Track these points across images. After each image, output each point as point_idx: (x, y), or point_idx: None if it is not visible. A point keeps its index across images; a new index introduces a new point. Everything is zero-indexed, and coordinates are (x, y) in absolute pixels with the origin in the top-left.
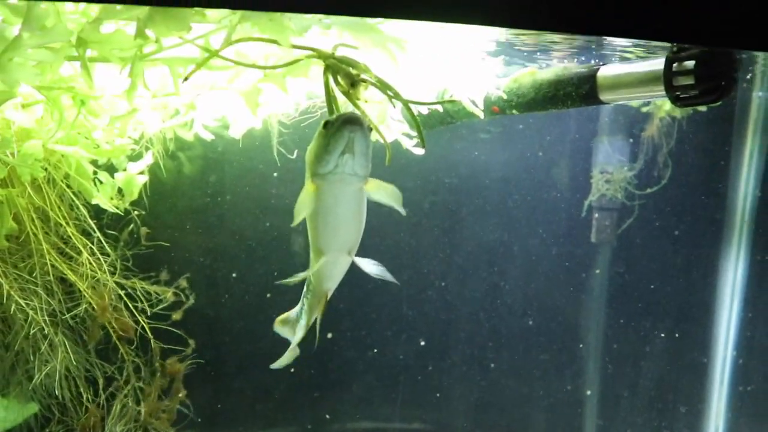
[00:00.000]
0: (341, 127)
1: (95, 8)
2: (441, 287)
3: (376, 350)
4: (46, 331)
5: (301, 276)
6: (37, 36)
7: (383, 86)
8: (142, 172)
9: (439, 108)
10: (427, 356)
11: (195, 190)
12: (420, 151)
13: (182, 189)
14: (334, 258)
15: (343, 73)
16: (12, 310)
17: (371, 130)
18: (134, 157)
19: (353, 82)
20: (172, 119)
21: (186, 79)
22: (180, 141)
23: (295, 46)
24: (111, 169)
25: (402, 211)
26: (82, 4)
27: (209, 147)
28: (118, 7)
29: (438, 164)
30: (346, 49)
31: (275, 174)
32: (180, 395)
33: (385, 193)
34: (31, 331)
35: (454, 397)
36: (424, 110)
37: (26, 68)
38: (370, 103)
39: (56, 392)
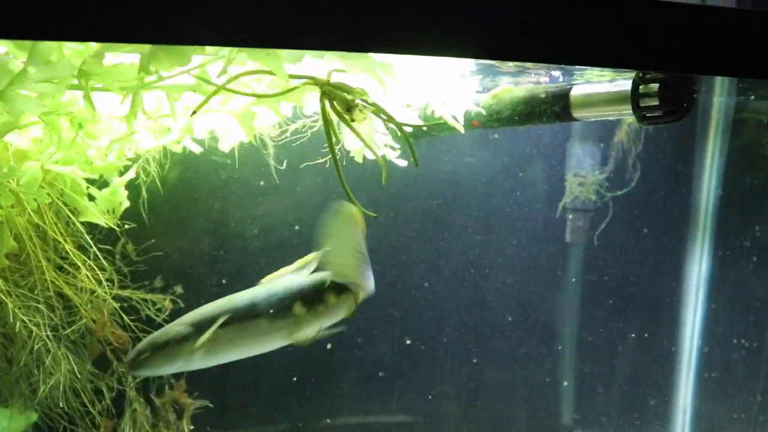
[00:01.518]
0: None
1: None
2: (425, 287)
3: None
4: (48, 346)
5: None
6: (41, 70)
7: (377, 110)
8: (131, 185)
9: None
10: (413, 354)
11: (188, 202)
12: (403, 163)
13: (175, 202)
14: None
15: (339, 98)
16: (16, 327)
17: None
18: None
19: (348, 107)
20: (164, 138)
21: (194, 113)
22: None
23: (292, 76)
24: (104, 186)
25: None
26: None
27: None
28: None
29: (419, 171)
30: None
31: (261, 183)
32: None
33: None
34: (35, 347)
35: (441, 391)
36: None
37: (30, 100)
38: (362, 124)
39: (61, 404)
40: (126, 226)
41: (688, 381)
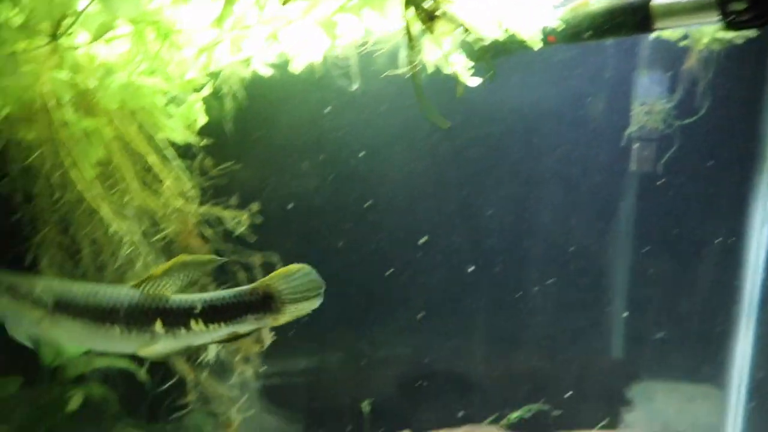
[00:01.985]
0: None
1: None
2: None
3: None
4: (136, 253)
5: None
6: None
7: (458, 20)
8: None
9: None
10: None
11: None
12: (476, 82)
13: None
14: None
15: (422, 7)
16: (109, 232)
17: None
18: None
19: (431, 16)
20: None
21: (285, 2)
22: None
23: None
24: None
25: None
26: None
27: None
28: None
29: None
30: None
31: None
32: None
33: None
34: (125, 253)
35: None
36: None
37: (129, 1)
38: (444, 35)
39: None
40: (204, 143)
41: (750, 317)
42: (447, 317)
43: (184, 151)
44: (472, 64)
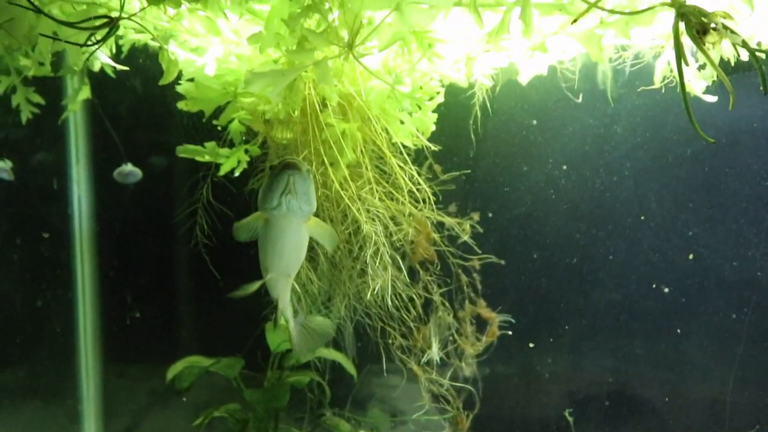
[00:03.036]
0: (282, 170)
1: None
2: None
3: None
4: (381, 251)
5: (250, 288)
6: None
7: (732, 34)
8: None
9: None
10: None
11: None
12: (713, 99)
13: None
14: (276, 278)
15: (696, 21)
16: (363, 229)
17: (310, 173)
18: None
19: (704, 30)
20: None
21: (574, 21)
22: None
23: None
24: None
25: (329, 250)
26: None
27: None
28: None
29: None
30: None
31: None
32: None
33: (322, 233)
34: (371, 251)
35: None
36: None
37: (425, 12)
38: (715, 49)
39: (388, 303)
40: (434, 149)
41: None
42: (639, 338)
43: (416, 156)
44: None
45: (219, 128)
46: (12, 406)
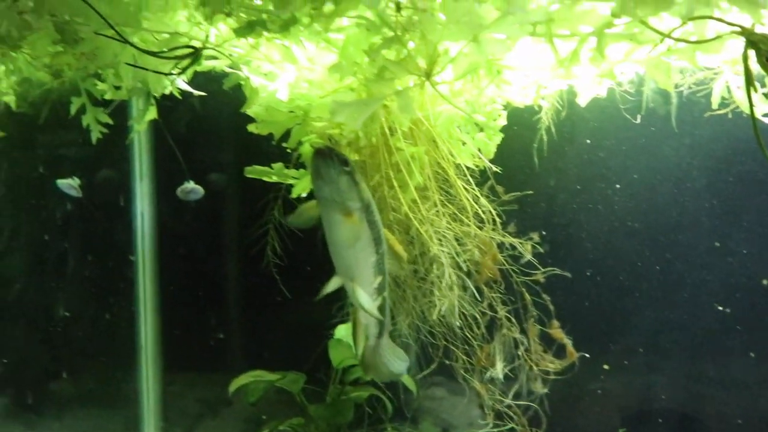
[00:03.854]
0: (314, 156)
1: None
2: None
3: None
4: (446, 272)
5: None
6: (518, 16)
7: None
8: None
9: None
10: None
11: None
12: None
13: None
14: (342, 279)
15: (765, 48)
16: (432, 250)
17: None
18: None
19: None
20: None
21: (650, 51)
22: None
23: (718, 20)
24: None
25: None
26: None
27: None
28: None
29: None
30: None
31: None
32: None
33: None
34: (439, 270)
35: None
36: None
37: (502, 42)
38: None
39: (457, 323)
40: (495, 170)
41: None
42: (691, 355)
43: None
44: None
45: (288, 150)
46: (77, 413)
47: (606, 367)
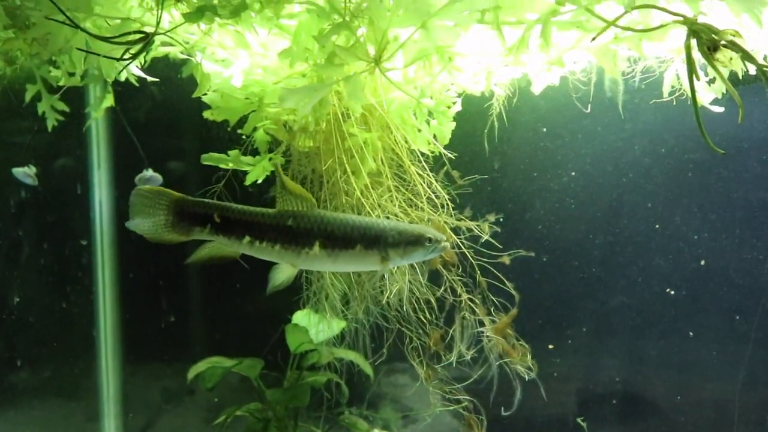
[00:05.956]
0: None
1: None
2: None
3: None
4: None
5: None
6: (465, 3)
7: (744, 53)
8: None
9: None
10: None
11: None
12: (719, 110)
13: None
14: None
15: (707, 38)
16: None
17: None
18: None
19: (715, 47)
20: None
21: (594, 39)
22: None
23: (660, 9)
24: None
25: None
26: None
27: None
28: None
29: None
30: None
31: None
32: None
33: None
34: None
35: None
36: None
37: (449, 30)
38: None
39: (405, 307)
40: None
41: None
42: (650, 338)
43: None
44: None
45: (244, 137)
46: (35, 404)
47: (551, 346)
